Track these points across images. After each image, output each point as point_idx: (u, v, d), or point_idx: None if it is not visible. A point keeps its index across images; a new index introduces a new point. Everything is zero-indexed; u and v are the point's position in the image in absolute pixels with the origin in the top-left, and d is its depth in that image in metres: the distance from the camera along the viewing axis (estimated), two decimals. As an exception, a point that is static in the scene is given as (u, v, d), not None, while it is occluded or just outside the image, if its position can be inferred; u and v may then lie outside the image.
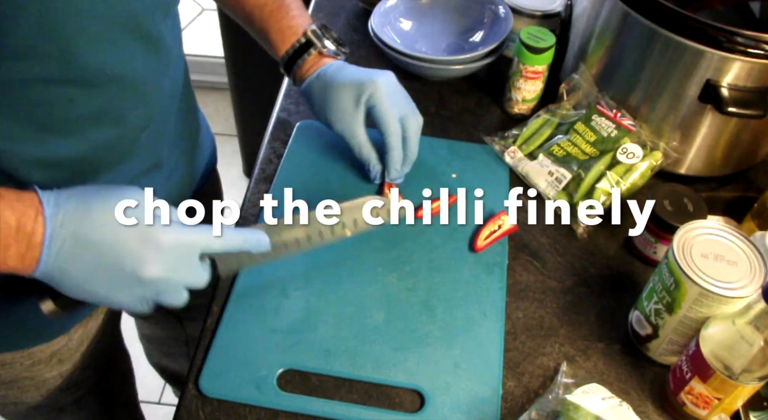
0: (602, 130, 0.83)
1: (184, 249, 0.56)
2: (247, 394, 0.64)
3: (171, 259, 0.55)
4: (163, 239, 0.54)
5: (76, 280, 0.53)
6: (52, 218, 0.52)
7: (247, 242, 0.61)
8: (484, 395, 0.65)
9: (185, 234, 0.56)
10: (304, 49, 0.78)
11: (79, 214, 0.53)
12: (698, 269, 0.60)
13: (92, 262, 0.53)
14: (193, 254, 0.57)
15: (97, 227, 0.53)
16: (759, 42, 0.70)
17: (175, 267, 0.55)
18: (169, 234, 0.55)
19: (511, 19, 0.96)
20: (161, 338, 1.18)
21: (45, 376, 0.77)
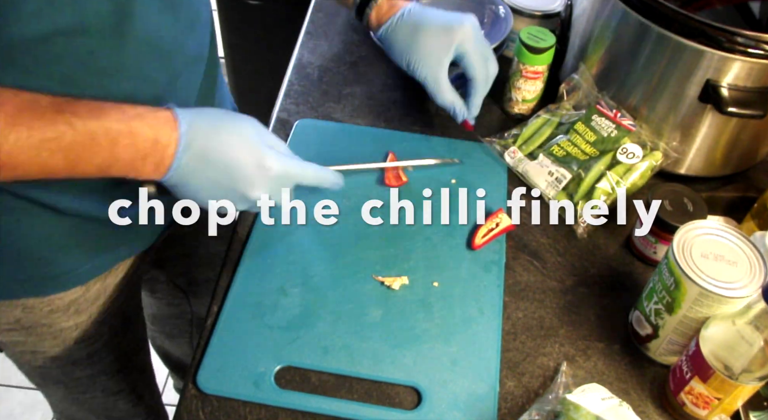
0: (602, 130, 0.83)
1: (286, 179, 0.65)
2: (244, 391, 0.64)
3: (275, 185, 0.64)
4: (273, 167, 0.63)
5: (194, 189, 0.62)
6: (185, 134, 0.59)
7: (329, 180, 0.71)
8: (481, 392, 0.65)
9: (290, 166, 0.65)
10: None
11: (209, 134, 0.60)
12: (698, 269, 0.60)
13: (211, 178, 0.61)
14: (293, 183, 0.66)
15: (222, 148, 0.60)
16: (759, 42, 0.70)
17: (275, 192, 0.65)
18: (278, 163, 0.63)
19: (511, 19, 0.96)
20: (166, 317, 1.18)
21: (62, 325, 0.79)
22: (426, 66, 0.79)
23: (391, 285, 0.71)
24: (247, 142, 0.62)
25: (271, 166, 0.63)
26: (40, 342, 0.81)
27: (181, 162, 0.59)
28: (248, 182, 0.62)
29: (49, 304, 0.76)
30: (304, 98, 0.95)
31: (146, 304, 1.20)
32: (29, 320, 0.77)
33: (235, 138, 0.62)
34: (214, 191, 0.62)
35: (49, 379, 0.90)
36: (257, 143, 0.63)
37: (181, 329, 1.20)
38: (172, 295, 1.11)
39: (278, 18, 1.53)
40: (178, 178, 0.60)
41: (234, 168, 0.61)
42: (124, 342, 0.92)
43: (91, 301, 0.80)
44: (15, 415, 1.61)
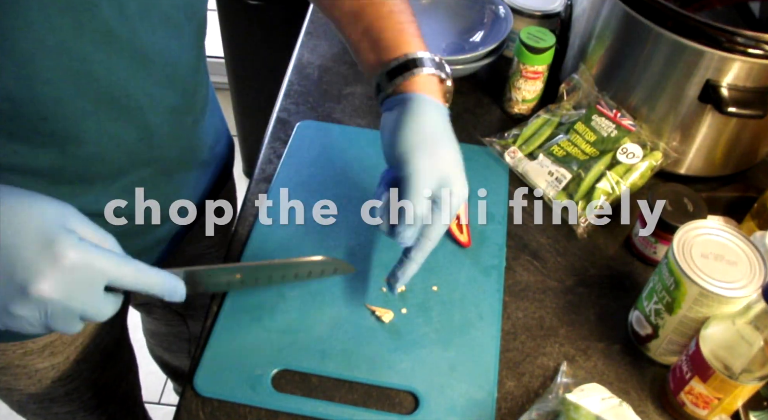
0: (602, 130, 0.83)
1: (88, 273, 0.49)
2: (241, 394, 0.64)
3: (70, 281, 0.48)
4: (68, 255, 0.47)
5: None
6: None
7: (159, 286, 0.54)
8: (478, 398, 0.64)
9: (96, 256, 0.49)
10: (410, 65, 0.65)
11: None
12: (698, 269, 0.60)
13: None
14: (99, 283, 0.50)
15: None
16: (759, 42, 0.70)
17: (72, 291, 0.48)
18: (77, 252, 0.48)
19: (511, 19, 0.96)
20: (164, 334, 1.18)
21: (37, 366, 0.77)
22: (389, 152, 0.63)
23: (381, 317, 0.69)
24: (35, 221, 0.48)
25: (65, 252, 0.47)
26: (15, 381, 0.78)
27: None
28: (30, 270, 0.47)
29: (22, 348, 0.74)
30: (304, 98, 0.95)
31: (143, 320, 1.20)
32: (2, 362, 0.74)
33: (21, 216, 0.48)
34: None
35: (28, 411, 0.88)
36: (53, 225, 0.48)
37: (180, 346, 1.19)
38: (168, 318, 1.11)
39: (278, 18, 1.53)
40: None
41: (9, 249, 0.47)
42: (105, 376, 0.90)
43: (69, 343, 0.78)
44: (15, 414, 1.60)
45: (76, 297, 0.49)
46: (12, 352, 0.74)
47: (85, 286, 0.49)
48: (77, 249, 0.48)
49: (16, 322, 0.49)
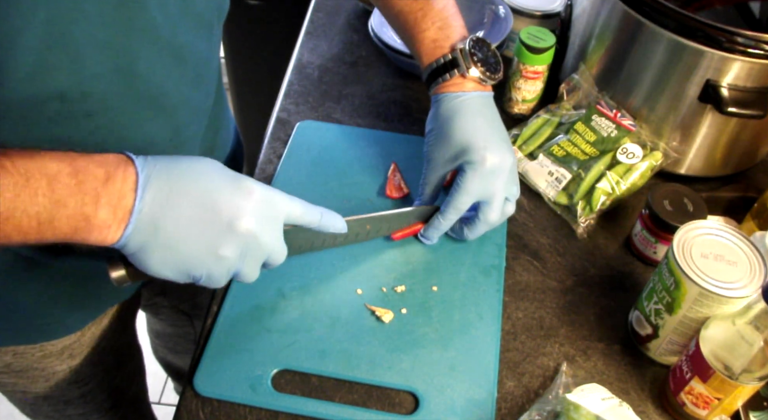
0: (602, 130, 0.83)
1: (273, 208, 0.55)
2: (241, 394, 0.64)
3: (263, 215, 0.53)
4: (255, 191, 0.53)
5: (169, 238, 0.50)
6: (143, 169, 0.50)
7: (323, 219, 0.60)
8: (478, 398, 0.64)
9: (274, 194, 0.55)
10: (448, 67, 0.71)
11: (171, 166, 0.51)
12: (698, 269, 0.60)
13: (187, 213, 0.50)
14: (280, 217, 0.56)
15: (190, 176, 0.51)
16: (759, 42, 0.70)
17: (265, 225, 0.54)
18: (261, 188, 0.54)
19: (511, 19, 0.96)
20: (170, 335, 1.18)
21: (55, 368, 0.78)
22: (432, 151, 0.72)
23: (381, 317, 0.69)
24: (216, 168, 0.54)
25: (252, 188, 0.53)
26: (32, 384, 0.79)
27: (146, 199, 0.49)
28: (232, 209, 0.51)
29: (41, 350, 0.74)
30: (304, 98, 0.95)
31: (149, 321, 1.20)
32: (20, 364, 0.75)
33: (202, 166, 0.53)
34: (195, 235, 0.51)
35: (41, 414, 0.89)
36: (226, 169, 0.55)
37: (185, 347, 1.20)
38: (175, 318, 1.11)
39: (278, 18, 1.53)
40: (145, 226, 0.49)
41: (210, 193, 0.51)
42: (118, 378, 0.91)
43: (87, 345, 0.79)
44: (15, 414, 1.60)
45: (268, 232, 0.54)
46: (31, 354, 0.74)
47: (272, 221, 0.55)
48: (258, 185, 0.54)
49: (218, 267, 0.53)
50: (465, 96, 0.71)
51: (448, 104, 0.71)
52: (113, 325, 0.82)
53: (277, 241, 0.56)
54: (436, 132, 0.72)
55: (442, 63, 0.72)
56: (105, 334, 0.81)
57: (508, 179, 0.71)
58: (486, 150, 0.69)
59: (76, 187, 0.47)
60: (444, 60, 0.72)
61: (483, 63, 0.72)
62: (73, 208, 0.47)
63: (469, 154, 0.69)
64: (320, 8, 1.11)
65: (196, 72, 0.63)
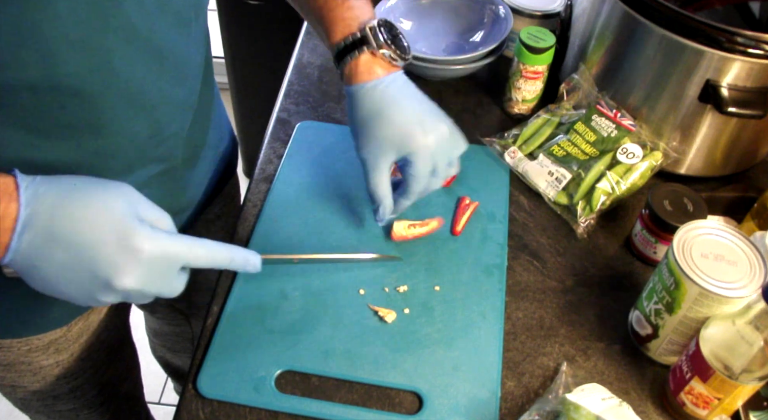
0: (602, 130, 0.83)
1: (165, 261, 0.52)
2: (244, 395, 0.64)
3: (149, 271, 0.51)
4: (145, 248, 0.50)
5: (45, 276, 0.50)
6: (27, 206, 0.48)
7: (233, 262, 0.58)
8: (482, 397, 0.64)
9: (170, 245, 0.52)
10: (356, 45, 0.69)
11: (58, 206, 0.49)
12: (698, 269, 0.60)
13: (64, 262, 0.49)
14: (174, 268, 0.53)
15: (74, 224, 0.49)
16: (759, 42, 0.70)
17: (151, 279, 0.52)
18: (152, 243, 0.51)
19: (511, 19, 0.96)
20: (167, 333, 1.18)
21: (42, 363, 0.78)
22: (371, 152, 0.70)
23: (384, 317, 0.69)
24: (108, 216, 0.50)
25: (141, 246, 0.50)
26: (19, 378, 0.79)
27: (22, 242, 0.48)
28: (112, 268, 0.50)
29: (27, 344, 0.74)
30: (304, 98, 0.95)
31: (147, 320, 1.20)
32: (7, 358, 0.75)
33: (93, 211, 0.50)
34: (71, 280, 0.50)
35: (31, 409, 0.89)
36: (124, 217, 0.51)
37: (183, 346, 1.20)
38: (172, 317, 1.11)
39: (278, 18, 1.53)
40: (22, 262, 0.49)
41: (89, 249, 0.49)
42: (108, 374, 0.90)
43: (73, 340, 0.78)
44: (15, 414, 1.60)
45: (155, 283, 0.52)
46: (17, 348, 0.74)
47: (162, 273, 0.53)
48: (152, 240, 0.51)
49: (99, 304, 0.53)
50: (381, 83, 0.69)
51: (368, 99, 0.69)
52: (103, 321, 0.82)
53: (167, 286, 0.54)
54: (365, 132, 0.70)
55: (351, 41, 0.69)
56: (93, 330, 0.81)
57: (450, 145, 0.71)
58: (424, 134, 0.68)
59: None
60: (353, 38, 0.69)
61: (393, 42, 0.70)
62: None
63: (411, 144, 0.68)
64: (320, 8, 1.11)
65: (177, 69, 0.63)
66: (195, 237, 0.55)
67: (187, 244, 0.53)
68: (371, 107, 0.69)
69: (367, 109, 0.69)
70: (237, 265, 0.58)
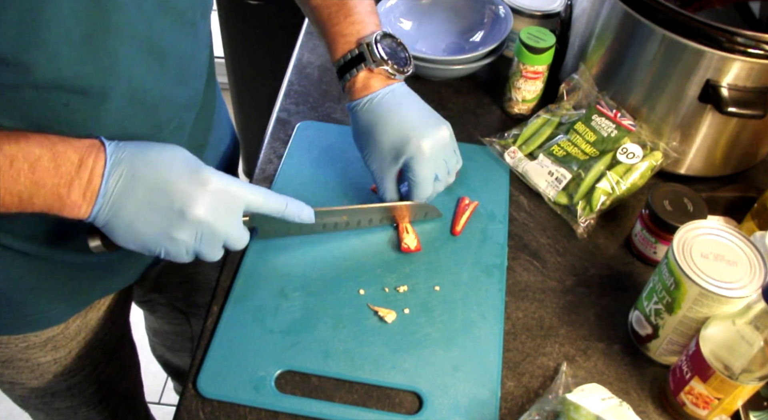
0: (602, 130, 0.83)
1: (229, 197, 0.58)
2: (245, 396, 0.64)
3: (216, 204, 0.57)
4: (212, 181, 0.57)
5: (128, 218, 0.55)
6: (112, 155, 0.55)
7: (288, 208, 0.63)
8: (482, 397, 0.64)
9: (232, 184, 0.58)
10: (355, 62, 0.72)
11: (137, 154, 0.56)
12: (698, 269, 0.60)
13: (144, 198, 0.55)
14: (238, 206, 0.59)
15: (151, 165, 0.56)
16: (759, 42, 0.70)
17: (219, 213, 0.57)
18: (218, 178, 0.57)
19: (511, 19, 0.96)
20: (167, 332, 1.18)
21: (39, 360, 0.78)
22: (375, 162, 0.73)
23: (384, 317, 0.69)
24: (179, 158, 0.57)
25: (209, 178, 0.57)
26: (17, 375, 0.80)
27: (109, 184, 0.54)
28: (185, 197, 0.56)
29: (25, 341, 0.75)
30: (304, 98, 0.95)
31: (146, 319, 1.20)
32: (5, 355, 0.76)
33: (166, 155, 0.57)
34: (150, 216, 0.56)
35: (30, 406, 0.89)
36: (191, 160, 0.58)
37: (182, 345, 1.20)
38: (171, 316, 1.11)
39: (278, 18, 1.53)
40: (109, 206, 0.55)
41: (166, 184, 0.56)
42: (107, 372, 0.90)
43: (71, 337, 0.79)
44: (15, 414, 1.60)
45: (223, 219, 0.58)
46: (14, 345, 0.75)
47: (228, 210, 0.58)
48: (217, 176, 0.58)
49: (174, 247, 0.58)
50: (376, 96, 0.71)
51: (364, 113, 0.72)
52: (101, 320, 0.82)
53: (233, 228, 0.59)
54: (369, 145, 0.73)
55: (349, 58, 0.72)
56: (91, 328, 0.81)
57: (448, 153, 0.73)
58: (420, 138, 0.70)
59: (54, 171, 0.53)
60: (351, 55, 0.72)
61: (391, 57, 0.72)
62: (50, 189, 0.53)
63: (408, 151, 0.70)
64: (320, 8, 1.11)
65: (179, 69, 0.64)
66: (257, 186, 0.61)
67: (247, 186, 0.60)
68: (369, 119, 0.72)
69: (365, 121, 0.72)
70: (291, 214, 0.64)
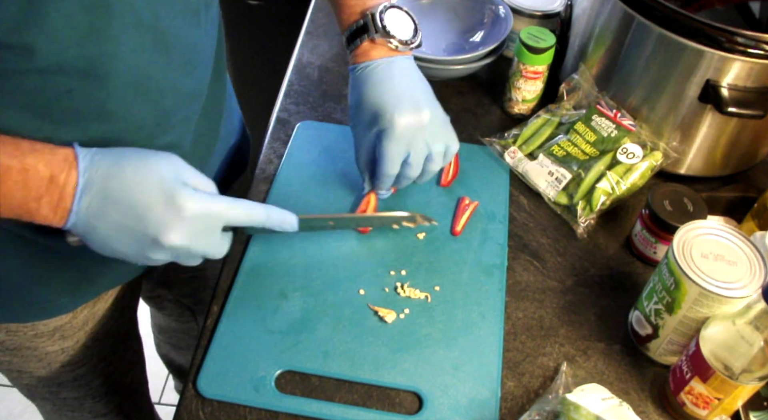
0: (602, 130, 0.83)
1: (208, 219, 0.57)
2: (245, 396, 0.64)
3: (193, 228, 0.56)
4: (188, 207, 0.55)
5: (102, 237, 0.55)
6: (84, 173, 0.53)
7: (270, 218, 0.62)
8: (482, 397, 0.64)
9: (211, 204, 0.57)
10: (359, 32, 0.72)
11: (112, 172, 0.54)
12: (698, 269, 0.60)
13: (117, 221, 0.54)
14: (217, 225, 0.58)
15: (126, 187, 0.54)
16: (759, 42, 0.70)
17: (196, 236, 0.56)
18: (194, 202, 0.55)
19: (511, 19, 0.96)
20: (173, 329, 1.18)
21: (47, 349, 0.78)
22: (356, 126, 0.73)
23: (384, 317, 0.69)
24: (156, 179, 0.55)
25: (184, 204, 0.55)
26: (25, 363, 0.80)
27: (82, 204, 0.53)
28: (159, 225, 0.54)
29: (33, 329, 0.75)
30: (304, 98, 0.95)
31: (153, 316, 1.20)
32: (13, 343, 0.76)
33: (142, 175, 0.55)
34: (124, 238, 0.55)
35: (37, 396, 0.89)
36: (170, 180, 0.55)
37: (188, 343, 1.20)
38: (179, 313, 1.11)
39: (278, 18, 1.53)
40: (83, 224, 0.54)
41: (139, 207, 0.54)
42: (113, 365, 0.91)
43: (79, 327, 0.79)
44: (15, 414, 1.61)
45: (199, 240, 0.57)
46: (23, 333, 0.75)
47: (205, 231, 0.57)
48: (194, 199, 0.55)
49: (152, 262, 0.57)
50: (373, 64, 0.71)
51: (358, 78, 0.72)
52: (109, 311, 0.82)
53: (211, 245, 0.59)
54: (354, 109, 0.73)
55: (354, 29, 0.72)
56: (99, 319, 0.81)
57: (429, 136, 0.70)
58: (394, 113, 0.68)
59: (22, 183, 0.52)
60: (356, 26, 0.72)
61: (396, 28, 0.71)
62: (19, 200, 0.52)
63: (380, 121, 0.69)
64: (320, 8, 1.11)
65: (184, 58, 0.63)
66: (234, 197, 0.59)
67: (227, 203, 0.58)
68: (360, 85, 0.72)
69: (357, 86, 0.72)
70: (274, 223, 0.63)
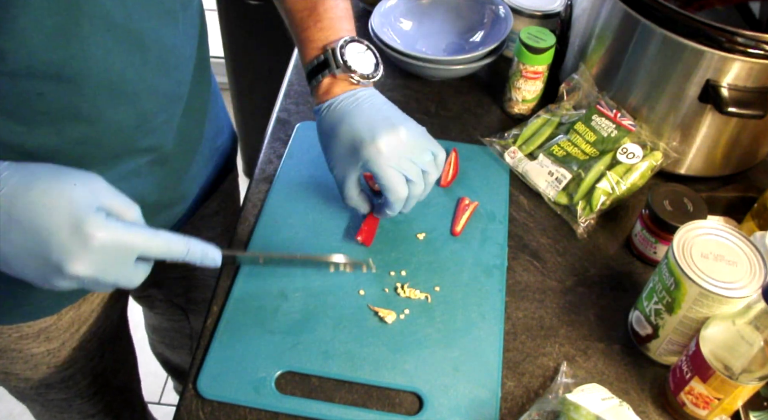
0: (602, 130, 0.83)
1: (118, 250, 0.52)
2: (245, 396, 0.64)
3: (102, 259, 0.52)
4: (96, 236, 0.51)
5: (4, 257, 0.51)
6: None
7: (190, 253, 0.57)
8: (482, 398, 0.64)
9: (124, 234, 0.52)
10: (320, 68, 0.70)
11: (19, 191, 0.50)
12: (698, 269, 0.60)
13: (20, 244, 0.51)
14: (129, 257, 0.53)
15: (31, 208, 0.50)
16: (759, 42, 0.70)
17: (104, 268, 0.52)
18: (105, 231, 0.51)
19: (511, 19, 0.96)
20: (166, 329, 1.18)
21: (33, 350, 0.78)
22: (336, 167, 0.70)
23: (384, 317, 0.69)
24: (64, 203, 0.51)
25: (93, 233, 0.50)
26: (11, 365, 0.79)
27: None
28: (63, 252, 0.50)
29: (18, 331, 0.74)
30: (304, 98, 0.95)
31: (145, 315, 1.20)
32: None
33: (50, 198, 0.50)
34: (28, 261, 0.51)
35: (26, 397, 0.89)
36: (80, 205, 0.51)
37: (182, 342, 1.20)
38: (170, 312, 1.11)
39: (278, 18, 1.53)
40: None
41: (43, 233, 0.50)
42: (101, 365, 0.90)
43: (64, 329, 0.78)
44: (15, 414, 1.60)
45: (108, 272, 0.53)
46: (8, 335, 0.74)
47: (116, 262, 0.53)
48: (105, 228, 0.51)
49: (57, 288, 0.53)
50: (335, 101, 0.69)
51: (324, 118, 0.70)
52: (95, 313, 0.82)
53: (122, 277, 0.54)
54: (328, 150, 0.70)
55: (315, 64, 0.71)
56: (85, 320, 0.81)
57: (413, 150, 0.68)
58: (375, 137, 0.66)
59: None
60: (317, 61, 0.70)
61: (357, 63, 0.70)
62: None
63: (362, 153, 0.66)
64: (320, 8, 1.11)
65: (161, 59, 0.62)
66: (153, 228, 0.55)
67: (142, 234, 0.53)
68: (328, 124, 0.70)
69: (325, 126, 0.70)
70: (194, 258, 0.58)
